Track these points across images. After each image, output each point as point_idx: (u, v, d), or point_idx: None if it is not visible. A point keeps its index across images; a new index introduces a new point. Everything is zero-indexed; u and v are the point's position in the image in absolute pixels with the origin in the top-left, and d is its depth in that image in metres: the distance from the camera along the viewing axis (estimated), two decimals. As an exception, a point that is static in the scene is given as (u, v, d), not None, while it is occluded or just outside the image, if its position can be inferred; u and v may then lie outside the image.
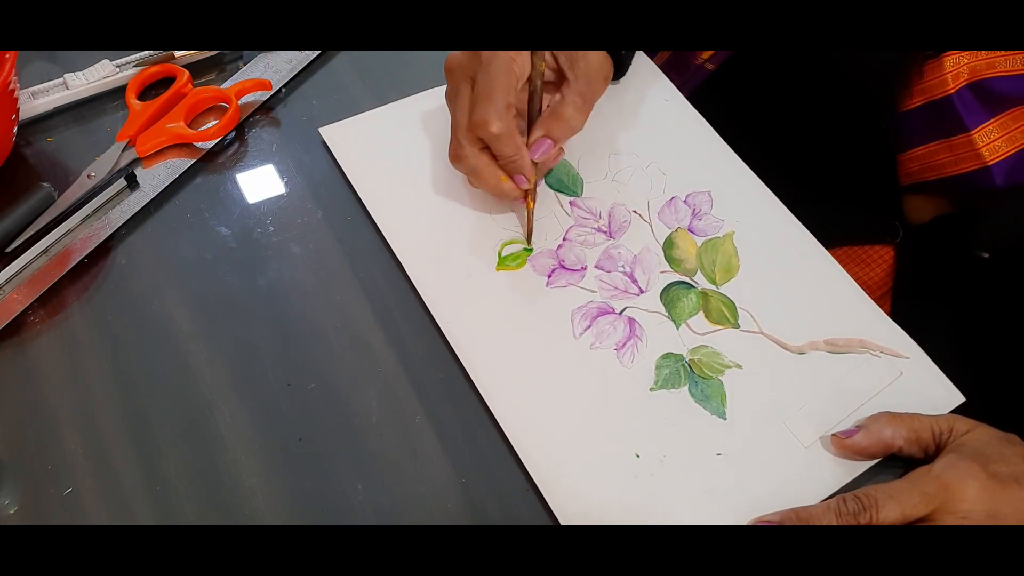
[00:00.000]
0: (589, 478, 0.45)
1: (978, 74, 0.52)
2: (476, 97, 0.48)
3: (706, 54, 0.65)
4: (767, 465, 0.46)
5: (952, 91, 0.53)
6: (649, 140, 0.58)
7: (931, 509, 0.42)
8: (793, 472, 0.46)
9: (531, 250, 0.53)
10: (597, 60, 0.51)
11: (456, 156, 0.51)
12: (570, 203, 0.55)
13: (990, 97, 0.53)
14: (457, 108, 0.50)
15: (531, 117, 0.51)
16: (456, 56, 0.50)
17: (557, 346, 0.50)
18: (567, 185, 0.56)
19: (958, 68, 0.52)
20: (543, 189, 0.56)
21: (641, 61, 0.62)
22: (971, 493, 0.41)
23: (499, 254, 0.53)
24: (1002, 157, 0.53)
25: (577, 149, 0.57)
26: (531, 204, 0.52)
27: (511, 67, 0.48)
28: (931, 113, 0.54)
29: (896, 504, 0.42)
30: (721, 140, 0.58)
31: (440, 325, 0.50)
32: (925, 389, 0.48)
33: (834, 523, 0.42)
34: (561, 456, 0.46)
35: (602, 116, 0.59)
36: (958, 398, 0.48)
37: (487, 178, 0.50)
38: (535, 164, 0.51)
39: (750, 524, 0.44)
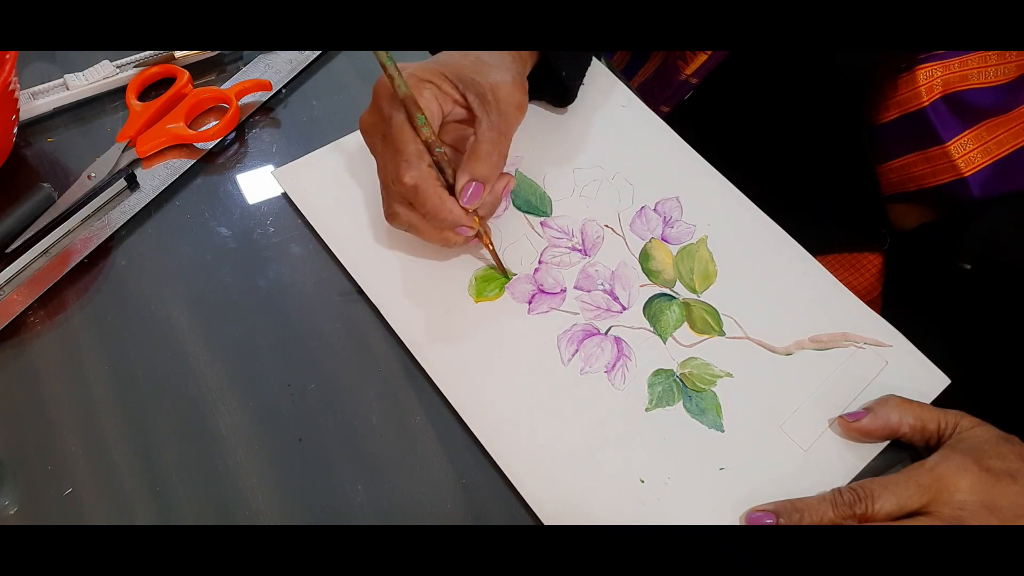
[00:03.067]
0: (597, 511, 0.45)
1: (951, 87, 0.53)
2: (386, 153, 0.47)
3: (689, 69, 0.65)
4: (769, 474, 0.46)
5: (927, 103, 0.53)
6: (611, 150, 0.57)
7: (926, 500, 0.42)
8: (796, 477, 0.46)
9: (506, 276, 0.52)
10: (505, 90, 0.48)
11: (391, 216, 0.49)
12: (541, 224, 0.54)
13: (964, 109, 0.53)
14: (379, 168, 0.49)
15: (444, 172, 0.47)
16: (364, 117, 0.49)
17: (548, 375, 0.48)
18: (535, 206, 0.55)
19: (931, 81, 0.53)
20: (513, 213, 0.54)
21: (596, 68, 0.61)
22: (964, 484, 0.42)
23: (474, 285, 0.51)
24: (978, 168, 0.53)
25: (541, 167, 0.56)
26: (488, 243, 0.50)
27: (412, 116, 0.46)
28: (907, 125, 0.55)
29: (891, 495, 0.42)
30: (683, 142, 0.58)
31: (426, 369, 0.48)
32: (911, 376, 0.49)
33: (830, 514, 0.43)
34: (567, 491, 0.45)
35: (561, 129, 0.58)
36: (943, 381, 0.49)
37: (427, 231, 0.48)
38: (471, 211, 0.48)
39: (746, 513, 0.44)
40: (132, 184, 0.55)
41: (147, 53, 0.60)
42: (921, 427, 0.45)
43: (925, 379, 0.49)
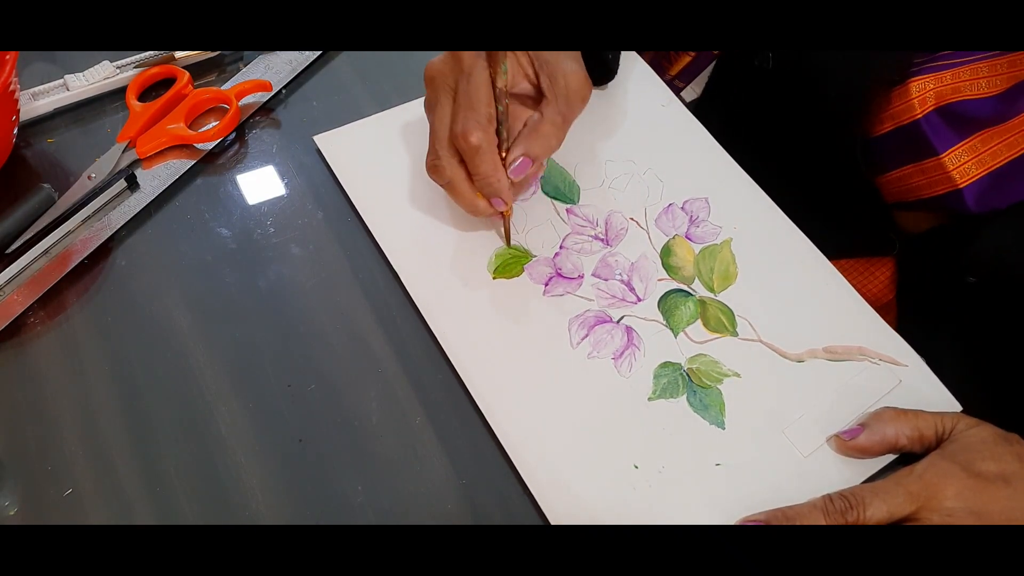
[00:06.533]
0: (587, 489, 0.45)
1: (944, 99, 0.53)
2: (457, 107, 0.47)
3: (674, 70, 0.65)
4: (766, 475, 0.46)
5: (920, 116, 0.53)
6: (646, 146, 0.58)
7: (915, 507, 0.42)
8: (792, 482, 0.45)
9: (526, 257, 0.53)
10: (577, 80, 0.49)
11: (434, 167, 0.49)
12: (567, 211, 0.55)
13: (958, 120, 0.53)
14: (437, 118, 0.49)
15: (500, 136, 0.48)
16: (437, 64, 0.49)
17: (554, 356, 0.49)
18: (563, 192, 0.56)
19: (924, 93, 0.53)
20: (539, 197, 0.55)
21: (637, 66, 0.62)
22: (951, 491, 0.42)
23: (494, 262, 0.52)
24: (972, 180, 0.53)
25: (573, 156, 0.57)
26: (508, 221, 0.52)
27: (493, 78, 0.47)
28: (901, 138, 0.55)
29: (882, 502, 0.42)
30: (719, 146, 0.58)
31: (436, 335, 0.50)
32: (923, 398, 0.48)
33: (822, 522, 0.42)
34: (559, 467, 0.46)
35: (598, 122, 0.59)
36: (956, 408, 0.48)
37: (464, 192, 0.49)
38: (512, 184, 0.49)
39: (737, 524, 0.44)
40: (132, 185, 0.55)
41: (147, 53, 0.60)
42: (919, 437, 0.45)
43: (937, 403, 0.48)
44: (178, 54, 0.60)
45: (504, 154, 0.49)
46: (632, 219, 0.55)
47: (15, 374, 0.47)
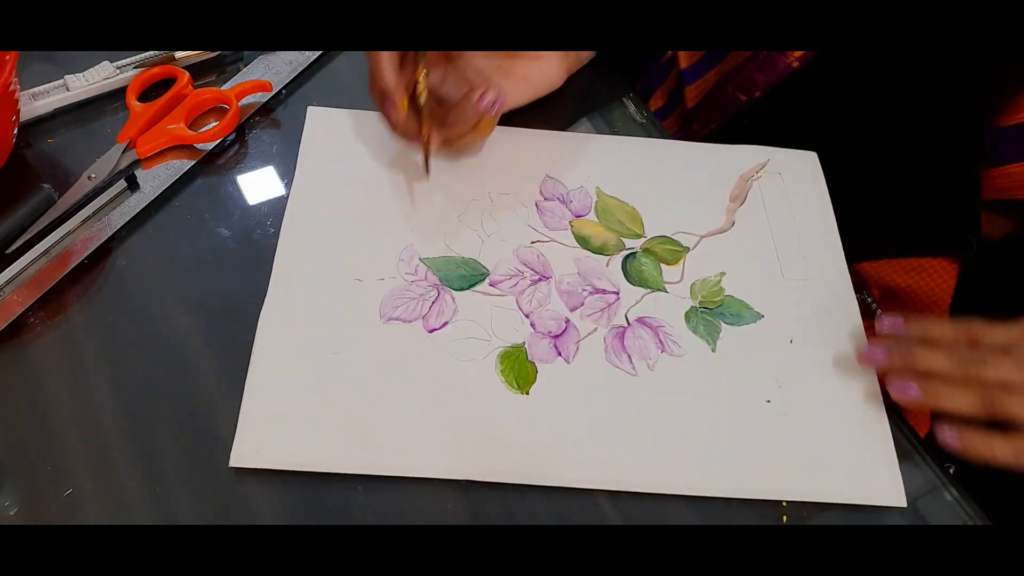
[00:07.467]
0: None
1: None
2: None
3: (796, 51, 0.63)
4: (816, 311, 0.51)
5: None
6: (470, 177, 0.56)
7: None
8: (818, 300, 0.52)
9: (522, 351, 0.49)
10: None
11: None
12: (490, 285, 0.51)
13: None
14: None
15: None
16: None
17: (631, 393, 0.48)
18: (470, 274, 0.52)
19: None
20: (463, 298, 0.50)
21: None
22: None
23: (499, 364, 0.48)
24: None
25: (436, 241, 0.53)
26: (425, 142, 0.52)
27: None
28: None
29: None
30: (511, 128, 0.57)
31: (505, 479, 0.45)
32: (799, 175, 0.57)
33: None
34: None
35: (417, 196, 0.55)
36: (814, 156, 0.58)
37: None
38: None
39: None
40: (132, 185, 0.55)
41: (147, 54, 0.60)
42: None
43: (801, 163, 0.58)
44: (178, 54, 0.60)
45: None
46: (534, 242, 0.53)
47: (15, 374, 0.47)
